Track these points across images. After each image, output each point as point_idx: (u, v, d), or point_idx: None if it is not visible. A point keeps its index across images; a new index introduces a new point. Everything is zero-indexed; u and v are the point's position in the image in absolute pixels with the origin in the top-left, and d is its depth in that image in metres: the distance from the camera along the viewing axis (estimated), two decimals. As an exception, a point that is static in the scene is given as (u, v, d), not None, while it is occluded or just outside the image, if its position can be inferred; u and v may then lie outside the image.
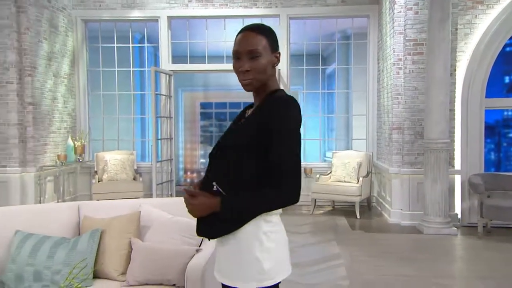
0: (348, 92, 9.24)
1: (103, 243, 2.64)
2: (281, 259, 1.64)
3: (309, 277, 4.23)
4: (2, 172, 6.40)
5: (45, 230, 2.70)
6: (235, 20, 7.91)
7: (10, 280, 2.50)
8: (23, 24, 6.57)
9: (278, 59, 1.66)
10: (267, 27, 1.70)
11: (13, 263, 2.52)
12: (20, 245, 2.57)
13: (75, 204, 2.90)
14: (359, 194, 6.79)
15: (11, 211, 2.90)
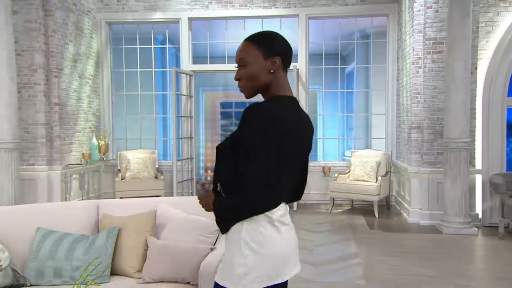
0: (367, 91, 9.13)
1: (120, 241, 2.66)
2: (256, 268, 1.56)
3: (325, 276, 4.20)
4: (31, 170, 6.54)
5: (65, 228, 2.74)
6: (255, 20, 7.90)
7: (31, 275, 2.55)
8: (50, 27, 6.70)
9: (275, 64, 1.62)
10: (262, 34, 1.69)
11: (34, 259, 2.57)
12: (41, 242, 2.61)
13: (95, 202, 2.94)
14: (377, 193, 6.69)
15: (33, 209, 2.96)
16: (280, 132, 1.53)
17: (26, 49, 6.58)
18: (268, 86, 1.64)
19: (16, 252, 2.60)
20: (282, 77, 1.66)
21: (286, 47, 1.68)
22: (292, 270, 1.65)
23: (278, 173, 1.54)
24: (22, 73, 6.53)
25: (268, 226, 1.59)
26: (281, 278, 1.61)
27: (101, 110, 8.13)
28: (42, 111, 6.60)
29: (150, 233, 2.69)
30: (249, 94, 1.67)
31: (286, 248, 1.62)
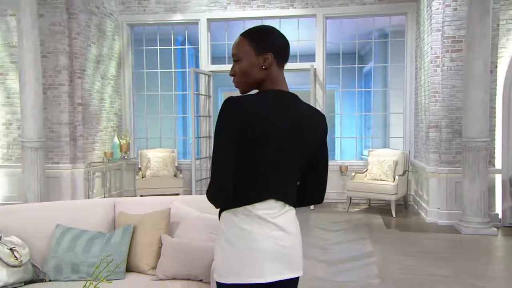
0: (385, 90, 9.01)
1: (135, 238, 2.69)
2: (232, 262, 1.54)
3: (340, 275, 4.16)
4: (55, 168, 6.68)
5: (83, 225, 2.78)
6: (273, 21, 7.87)
7: (50, 271, 2.60)
8: (73, 30, 6.82)
9: (267, 61, 1.58)
10: (256, 30, 1.64)
11: (53, 255, 2.62)
12: (59, 238, 2.67)
13: (111, 200, 2.98)
14: (394, 192, 6.60)
15: (53, 206, 3.02)
16: (246, 124, 1.48)
17: (51, 51, 6.72)
18: (261, 82, 1.61)
19: (36, 248, 2.66)
20: (276, 73, 1.61)
21: (281, 43, 1.62)
22: (274, 274, 1.53)
23: (237, 165, 1.51)
24: (47, 75, 6.67)
25: (249, 220, 1.53)
26: (254, 279, 1.51)
27: (122, 110, 8.24)
28: (66, 111, 6.73)
29: (164, 231, 2.72)
30: (243, 89, 1.64)
31: (265, 247, 1.52)
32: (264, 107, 1.54)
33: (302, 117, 1.60)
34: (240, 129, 1.49)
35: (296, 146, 1.58)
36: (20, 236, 2.61)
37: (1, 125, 7.01)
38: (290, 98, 1.62)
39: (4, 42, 6.96)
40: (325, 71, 7.79)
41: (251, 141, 1.51)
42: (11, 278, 2.42)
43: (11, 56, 6.86)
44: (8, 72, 6.97)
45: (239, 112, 1.50)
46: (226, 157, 1.50)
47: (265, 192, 1.56)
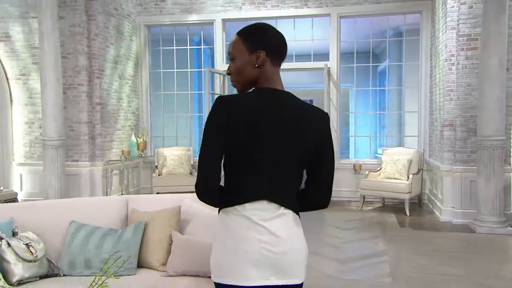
0: (400, 89, 8.89)
1: (146, 235, 2.71)
2: (216, 262, 1.53)
3: (351, 273, 4.12)
4: (75, 165, 6.79)
5: (97, 221, 2.82)
6: (287, 20, 7.86)
7: (64, 266, 2.64)
8: (92, 31, 6.91)
9: (259, 59, 1.54)
10: (249, 28, 1.60)
11: (67, 251, 2.66)
12: (73, 235, 2.70)
13: (124, 197, 3.01)
14: (408, 191, 6.51)
15: (68, 203, 3.07)
16: (235, 122, 1.46)
17: (71, 52, 6.82)
18: (256, 80, 1.57)
19: (51, 243, 2.70)
20: (270, 71, 1.56)
21: (274, 41, 1.57)
22: (258, 279, 1.46)
23: (220, 164, 1.49)
24: (67, 75, 6.77)
25: (238, 220, 1.50)
26: (238, 281, 1.46)
27: (140, 109, 8.32)
28: (85, 110, 6.83)
29: (175, 228, 2.73)
30: (239, 88, 1.60)
31: (250, 250, 1.46)
32: (254, 106, 1.51)
33: (297, 116, 1.53)
34: (228, 128, 1.46)
35: (290, 146, 1.51)
36: (36, 232, 2.66)
37: (24, 124, 7.16)
38: (284, 97, 1.56)
39: (27, 43, 7.09)
40: (339, 70, 7.72)
41: (240, 140, 1.48)
42: (27, 272, 2.47)
43: (33, 57, 6.99)
44: (30, 73, 7.10)
45: (227, 111, 1.48)
46: (211, 156, 1.48)
47: (256, 192, 1.50)
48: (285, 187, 1.55)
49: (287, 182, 1.55)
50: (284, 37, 1.62)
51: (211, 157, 1.49)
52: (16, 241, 2.51)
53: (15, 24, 7.10)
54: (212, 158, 1.49)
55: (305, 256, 1.59)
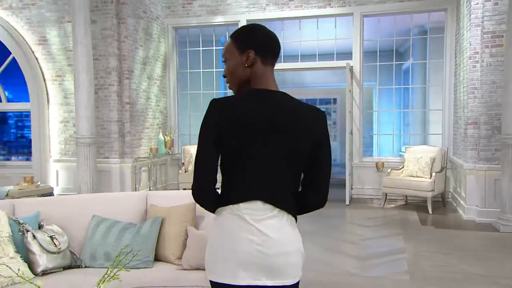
0: (424, 87, 8.66)
1: (163, 230, 2.75)
2: (208, 259, 1.53)
3: (369, 270, 4.05)
4: (106, 162, 6.96)
5: (117, 216, 2.88)
6: (310, 20, 7.79)
7: (86, 258, 2.71)
8: (122, 34, 7.06)
9: (249, 59, 1.52)
10: (240, 29, 1.59)
11: (88, 244, 2.74)
12: (95, 228, 2.77)
13: (144, 193, 3.06)
14: (431, 189, 6.35)
15: (90, 198, 3.15)
16: (226, 124, 1.45)
17: (103, 54, 6.99)
18: (248, 80, 1.54)
19: (74, 236, 2.78)
20: (261, 71, 1.53)
21: (264, 40, 1.54)
22: (247, 279, 1.45)
23: (216, 165, 1.49)
24: (99, 76, 6.94)
25: (231, 220, 1.48)
26: (227, 280, 1.46)
27: (167, 108, 8.44)
28: (115, 109, 6.98)
29: (190, 223, 2.76)
30: (234, 89, 1.59)
31: (241, 250, 1.45)
32: (246, 107, 1.49)
33: (290, 117, 1.50)
34: (220, 130, 1.46)
35: (284, 146, 1.48)
36: (60, 225, 2.74)
37: (59, 122, 7.39)
38: (277, 97, 1.53)
39: (62, 46, 7.31)
40: (362, 69, 7.59)
41: (233, 141, 1.46)
42: (51, 263, 2.55)
43: (68, 59, 7.20)
44: (65, 74, 7.32)
45: (218, 113, 1.47)
46: (207, 158, 1.49)
47: (250, 193, 1.48)
48: (280, 188, 1.51)
49: (283, 183, 1.52)
50: (275, 36, 1.59)
51: (206, 159, 1.49)
52: (41, 233, 2.60)
53: (52, 28, 7.33)
54: (208, 160, 1.49)
55: (299, 258, 1.55)
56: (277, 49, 1.58)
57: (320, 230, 5.49)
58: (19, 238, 2.54)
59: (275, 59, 1.58)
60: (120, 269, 1.88)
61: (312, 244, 4.81)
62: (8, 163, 8.34)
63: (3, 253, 2.40)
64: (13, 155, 10.37)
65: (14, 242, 2.51)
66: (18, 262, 2.44)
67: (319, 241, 4.96)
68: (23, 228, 2.56)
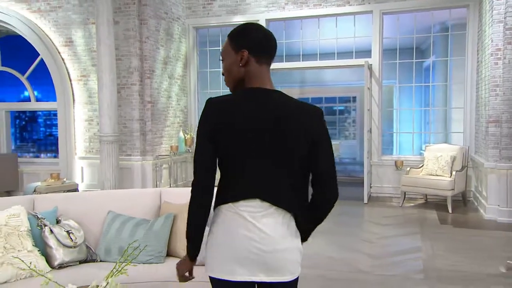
0: (446, 84, 8.46)
1: (175, 226, 2.80)
2: (208, 256, 1.56)
3: (382, 268, 4.01)
4: (128, 160, 7.09)
5: (132, 212, 2.94)
6: (329, 18, 7.72)
7: (101, 253, 2.78)
8: (144, 34, 7.16)
9: (243, 58, 1.53)
10: (236, 28, 1.59)
11: (103, 239, 2.80)
12: (110, 224, 2.84)
13: (158, 190, 3.11)
14: (451, 188, 6.21)
15: (106, 194, 3.22)
16: (220, 124, 1.47)
17: (125, 54, 7.11)
18: (243, 79, 1.55)
19: (90, 231, 2.85)
20: (256, 70, 1.54)
21: (258, 40, 1.54)
22: (244, 275, 1.48)
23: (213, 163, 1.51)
24: (121, 75, 7.07)
25: (230, 217, 1.50)
26: (224, 276, 1.49)
27: (188, 107, 8.53)
28: (137, 108, 7.10)
29: (201, 220, 2.79)
30: (230, 88, 1.60)
31: (239, 247, 1.48)
32: (239, 106, 1.50)
33: (284, 115, 1.49)
34: (215, 130, 1.48)
35: (279, 144, 1.48)
36: (77, 220, 2.82)
37: (84, 121, 7.57)
38: (271, 96, 1.53)
39: (87, 47, 7.48)
40: (381, 67, 7.48)
41: (229, 140, 1.48)
42: (67, 257, 2.63)
43: (92, 60, 7.36)
44: (89, 74, 7.49)
45: (215, 113, 1.50)
46: (205, 157, 1.51)
47: (248, 191, 1.50)
48: (278, 186, 1.51)
49: (280, 181, 1.52)
50: (271, 36, 1.58)
51: (205, 158, 1.52)
52: (58, 228, 2.68)
53: (77, 30, 7.51)
54: (206, 158, 1.51)
55: (296, 255, 1.55)
56: (271, 49, 1.58)
57: (337, 228, 5.45)
58: (37, 232, 2.63)
59: (270, 58, 1.58)
60: (127, 264, 1.92)
61: (327, 242, 4.79)
62: (37, 160, 8.61)
63: (21, 246, 2.49)
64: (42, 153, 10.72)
65: (33, 236, 2.60)
66: (36, 256, 2.53)
67: (335, 239, 4.93)
68: (41, 223, 2.64)
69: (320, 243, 4.70)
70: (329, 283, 3.65)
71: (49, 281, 1.83)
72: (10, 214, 2.56)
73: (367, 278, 3.78)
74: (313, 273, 3.84)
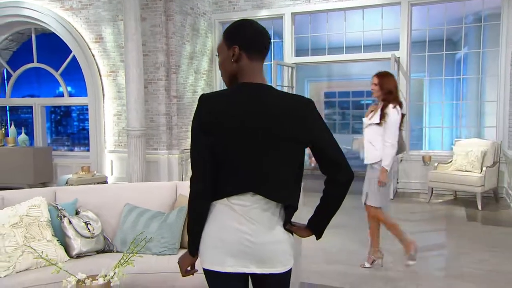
0: (479, 77, 8.15)
1: (189, 219, 2.85)
2: (201, 248, 1.57)
3: (403, 265, 3.92)
4: (154, 153, 7.24)
5: (148, 204, 3.01)
6: (356, 11, 7.58)
7: (118, 244, 2.86)
8: (170, 30, 7.27)
9: (235, 54, 1.54)
10: (230, 25, 1.60)
11: (120, 230, 2.89)
12: (126, 216, 2.92)
13: (174, 183, 3.17)
14: (481, 184, 5.99)
15: (125, 187, 3.31)
16: (211, 119, 1.49)
17: (152, 50, 7.24)
18: (236, 75, 1.57)
19: (108, 223, 2.95)
20: (247, 66, 1.54)
21: (248, 36, 1.54)
22: (235, 266, 1.51)
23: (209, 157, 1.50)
24: (148, 71, 7.21)
25: (224, 210, 1.53)
26: (216, 267, 1.52)
27: (214, 101, 8.58)
28: (163, 103, 7.22)
29: (214, 213, 2.82)
30: (226, 83, 1.62)
31: (230, 239, 1.51)
32: (231, 102, 1.51)
33: (275, 108, 1.51)
34: (207, 125, 1.50)
35: (270, 137, 1.50)
36: (95, 212, 2.91)
37: (113, 115, 7.78)
38: (262, 90, 1.54)
39: (115, 43, 7.66)
40: (409, 60, 7.28)
41: (221, 135, 1.49)
42: (84, 247, 2.73)
43: (121, 55, 7.53)
44: (118, 70, 7.67)
45: (204, 109, 1.51)
46: (200, 151, 1.52)
47: (239, 185, 1.51)
48: (270, 178, 1.53)
49: (273, 173, 1.53)
50: (263, 32, 1.58)
51: (200, 153, 1.53)
52: (77, 219, 2.78)
53: (107, 26, 7.70)
54: (202, 153, 1.52)
55: (288, 246, 1.57)
56: (261, 45, 1.58)
57: (358, 224, 5.38)
58: (57, 223, 2.74)
59: (261, 54, 1.58)
60: (133, 255, 1.98)
61: (348, 237, 4.74)
62: (70, 153, 8.94)
63: (41, 236, 2.61)
64: (76, 146, 11.10)
65: (53, 226, 2.71)
66: (55, 245, 2.64)
67: (355, 234, 4.88)
68: (61, 214, 2.75)
69: (341, 239, 4.66)
70: (349, 278, 3.63)
71: (60, 270, 1.91)
72: (31, 205, 2.67)
73: (387, 274, 3.72)
74: (332, 269, 3.82)
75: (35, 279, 2.40)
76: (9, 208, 2.64)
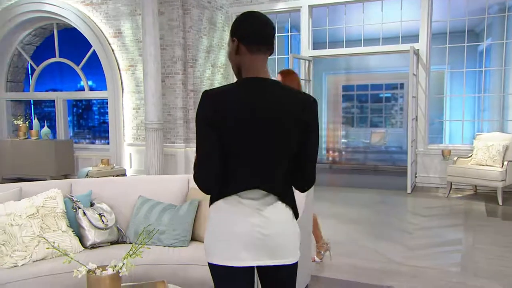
0: (502, 69, 7.91)
1: (200, 212, 2.88)
2: (208, 243, 1.58)
3: (417, 260, 3.88)
4: (172, 147, 7.33)
5: (161, 197, 3.06)
6: (374, 3, 7.45)
7: (131, 235, 2.92)
8: (187, 24, 7.31)
9: (234, 47, 1.55)
10: (237, 18, 1.59)
11: (133, 222, 2.95)
12: (139, 208, 2.98)
13: (186, 177, 3.21)
14: (502, 179, 5.86)
15: (138, 180, 3.36)
16: (215, 115, 1.47)
17: (169, 44, 7.30)
18: (240, 67, 1.57)
19: (122, 214, 3.01)
20: (248, 60, 1.54)
21: (246, 29, 1.53)
22: (247, 260, 1.52)
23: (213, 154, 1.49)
24: (165, 65, 7.28)
25: (234, 206, 1.53)
26: (226, 262, 1.52)
27: (231, 95, 8.60)
28: (180, 96, 7.29)
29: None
30: (235, 74, 1.62)
31: (242, 232, 1.51)
32: (234, 98, 1.50)
33: (278, 104, 1.50)
34: (211, 121, 1.48)
35: (274, 133, 1.49)
36: (109, 204, 2.98)
37: (132, 109, 7.89)
38: (265, 85, 1.52)
39: (134, 38, 7.75)
40: (429, 52, 7.13)
41: (224, 131, 1.48)
42: (98, 238, 2.79)
43: (139, 50, 7.62)
44: (137, 64, 7.77)
45: (207, 105, 1.50)
46: (206, 147, 1.50)
47: (247, 180, 1.52)
48: (275, 175, 1.54)
49: (277, 169, 1.54)
50: (263, 25, 1.55)
51: (206, 149, 1.51)
52: (91, 211, 2.85)
53: (125, 21, 7.80)
54: (208, 149, 1.51)
55: (296, 238, 1.61)
56: (260, 37, 1.55)
57: (375, 218, 5.35)
58: (72, 214, 2.81)
59: (262, 47, 1.55)
60: (141, 246, 2.02)
61: (363, 231, 4.72)
62: (91, 146, 9.12)
63: (56, 227, 2.68)
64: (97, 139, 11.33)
65: (68, 217, 2.79)
66: (70, 236, 2.71)
67: (372, 228, 4.84)
68: (76, 205, 2.82)
69: (356, 232, 4.64)
70: (359, 271, 3.61)
71: (71, 260, 1.97)
72: (47, 197, 2.75)
73: (399, 269, 3.68)
74: (344, 262, 3.80)
75: (51, 268, 2.48)
76: (26, 200, 2.72)
